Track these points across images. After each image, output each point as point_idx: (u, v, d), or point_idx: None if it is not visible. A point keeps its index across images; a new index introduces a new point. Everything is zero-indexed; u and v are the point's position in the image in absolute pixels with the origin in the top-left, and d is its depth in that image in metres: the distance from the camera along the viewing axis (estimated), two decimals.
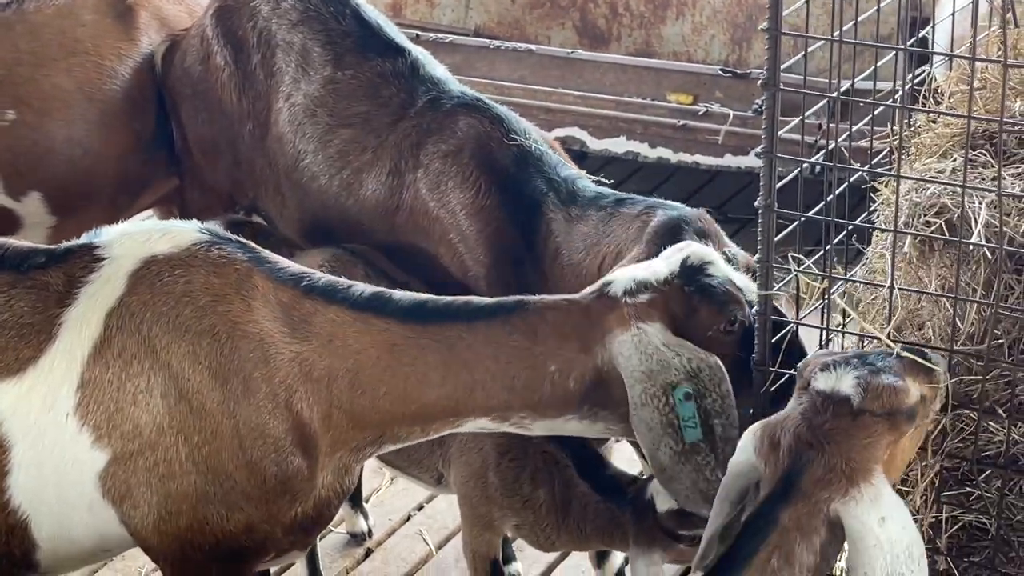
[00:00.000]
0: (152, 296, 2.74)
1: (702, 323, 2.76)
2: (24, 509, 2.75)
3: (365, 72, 3.82)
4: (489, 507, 3.33)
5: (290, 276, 2.81)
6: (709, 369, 2.70)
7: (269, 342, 2.74)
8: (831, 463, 2.40)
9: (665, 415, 2.67)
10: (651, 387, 2.68)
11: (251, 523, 2.78)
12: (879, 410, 2.43)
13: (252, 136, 4.00)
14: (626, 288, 2.78)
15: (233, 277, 2.76)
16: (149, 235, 2.83)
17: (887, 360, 2.51)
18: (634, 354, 2.70)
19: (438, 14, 7.06)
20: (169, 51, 4.24)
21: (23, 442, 2.73)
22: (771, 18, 2.61)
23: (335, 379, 2.76)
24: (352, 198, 3.77)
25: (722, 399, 2.70)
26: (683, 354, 2.70)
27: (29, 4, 4.28)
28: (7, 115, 4.14)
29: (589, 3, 6.72)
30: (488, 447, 3.31)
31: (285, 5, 3.93)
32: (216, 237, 2.84)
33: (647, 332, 2.71)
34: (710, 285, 2.77)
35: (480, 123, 3.64)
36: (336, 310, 2.77)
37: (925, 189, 2.74)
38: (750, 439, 2.50)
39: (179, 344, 2.72)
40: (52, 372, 2.73)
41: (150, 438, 2.72)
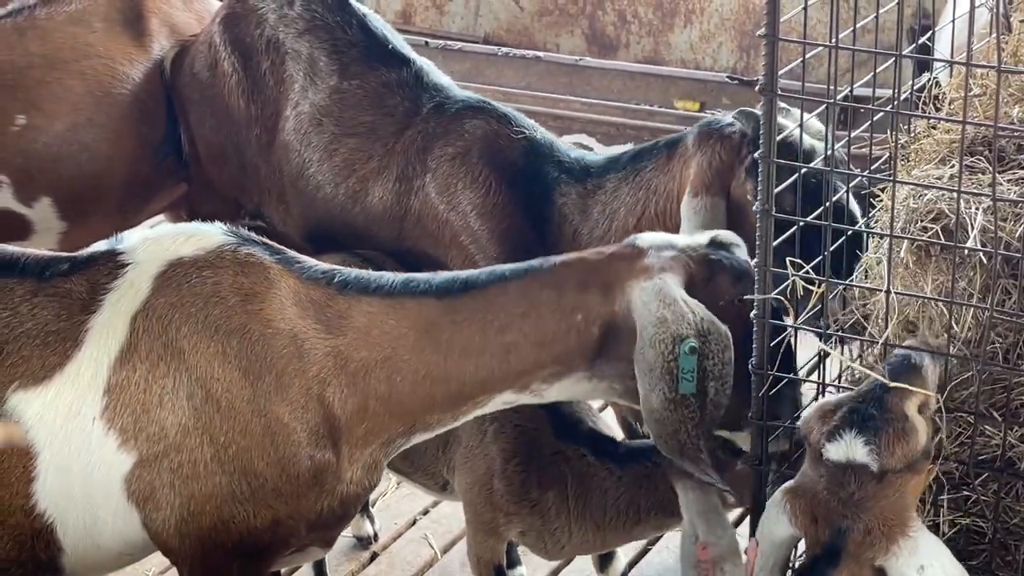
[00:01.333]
0: (180, 298, 2.76)
1: (718, 290, 2.82)
2: (50, 514, 2.77)
3: (371, 82, 3.85)
4: (494, 513, 3.33)
5: (321, 274, 2.83)
6: (718, 335, 2.74)
7: (303, 337, 2.76)
8: (868, 527, 2.43)
9: (668, 361, 2.71)
10: (662, 332, 2.71)
11: (277, 519, 2.80)
12: (899, 465, 2.43)
13: (259, 142, 4.03)
14: (653, 243, 2.86)
15: (262, 277, 2.78)
16: (174, 238, 2.85)
17: (883, 403, 2.48)
18: (653, 300, 2.74)
19: (447, 21, 7.11)
20: (178, 57, 4.27)
21: (49, 448, 2.74)
22: (769, 24, 2.64)
23: (372, 369, 2.79)
24: (358, 206, 3.79)
25: (723, 365, 2.74)
26: (698, 313, 2.74)
27: (40, 11, 4.32)
28: (18, 120, 4.17)
29: (598, 11, 6.76)
30: (493, 452, 3.31)
31: (292, 14, 3.96)
32: (242, 239, 2.85)
33: (668, 283, 2.76)
34: (733, 258, 2.86)
35: (487, 123, 3.67)
36: (371, 300, 2.80)
37: (922, 195, 2.76)
38: (782, 510, 2.53)
39: (208, 344, 2.74)
40: (78, 378, 2.74)
41: (175, 440, 2.73)
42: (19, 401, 2.73)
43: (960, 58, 2.95)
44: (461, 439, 3.35)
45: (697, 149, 3.49)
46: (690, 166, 3.49)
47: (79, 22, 4.30)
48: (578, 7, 6.80)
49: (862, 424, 2.45)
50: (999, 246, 2.61)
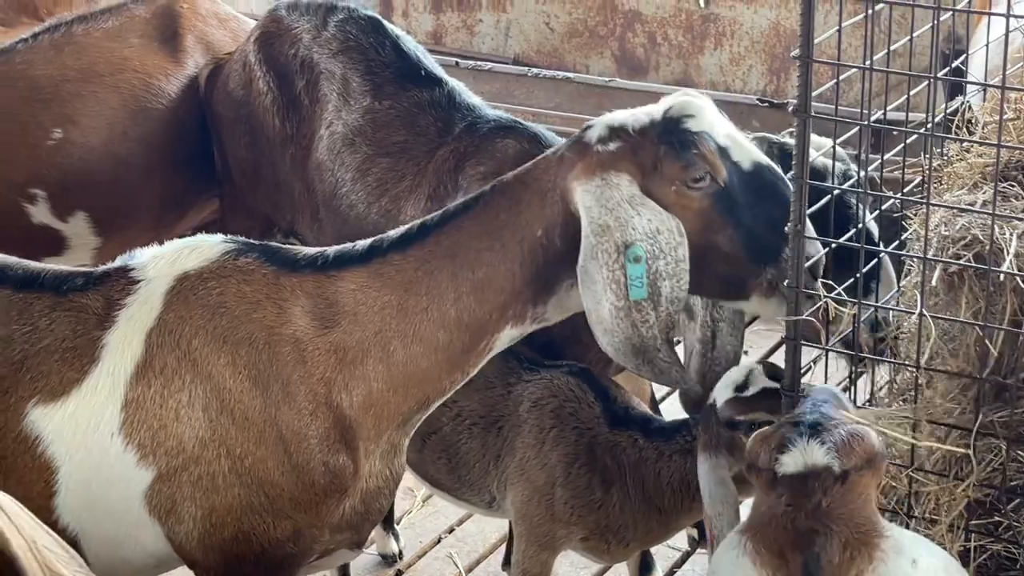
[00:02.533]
0: (188, 311, 2.78)
1: (665, 176, 2.76)
2: (73, 528, 2.78)
3: (403, 102, 3.86)
4: (552, 526, 3.28)
5: (307, 262, 2.84)
6: (668, 232, 2.70)
7: (304, 340, 2.77)
8: (843, 540, 2.30)
9: (613, 271, 2.67)
10: (604, 243, 2.68)
11: (298, 529, 2.80)
12: (860, 462, 2.33)
13: (293, 161, 4.04)
14: (599, 135, 2.79)
15: (262, 283, 2.80)
16: (179, 253, 2.87)
17: (821, 411, 2.41)
18: (594, 205, 2.70)
19: (478, 42, 7.15)
20: (212, 74, 4.30)
21: (69, 463, 2.75)
22: (803, 45, 2.64)
23: (368, 350, 2.79)
24: (391, 225, 3.79)
25: (676, 263, 2.70)
26: (644, 214, 2.69)
27: (77, 27, 4.36)
28: (54, 134, 4.21)
29: (628, 32, 6.78)
30: (554, 460, 3.26)
31: (326, 34, 3.98)
32: (241, 245, 2.87)
33: (611, 184, 2.71)
34: (679, 138, 2.75)
35: (517, 141, 3.68)
36: (350, 276, 2.81)
37: (955, 222, 2.75)
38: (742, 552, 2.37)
39: (218, 355, 2.75)
40: (96, 393, 2.76)
41: (193, 452, 2.74)
42: (39, 416, 2.75)
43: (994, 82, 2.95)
44: (516, 451, 3.31)
45: None
46: None
47: (116, 38, 4.34)
48: (608, 29, 6.82)
49: (812, 431, 2.36)
50: None
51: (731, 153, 2.80)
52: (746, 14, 6.49)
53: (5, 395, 2.74)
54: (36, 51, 4.30)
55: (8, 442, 2.74)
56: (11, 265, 2.88)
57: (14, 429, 2.73)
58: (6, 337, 2.77)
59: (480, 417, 3.36)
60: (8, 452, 2.74)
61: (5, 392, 2.74)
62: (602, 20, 6.83)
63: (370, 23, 3.99)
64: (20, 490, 2.67)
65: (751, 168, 2.81)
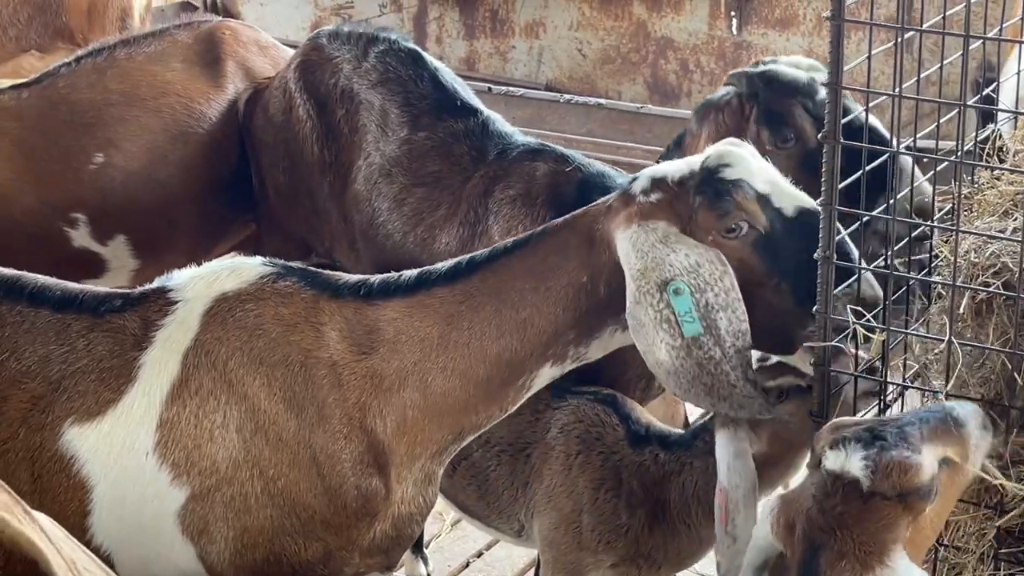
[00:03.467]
0: (225, 332, 2.80)
1: (701, 226, 2.77)
2: (107, 547, 2.79)
3: (439, 132, 3.89)
4: (579, 554, 3.26)
5: (349, 289, 2.86)
6: (709, 263, 2.68)
7: (341, 364, 2.79)
8: (843, 549, 2.31)
9: (660, 311, 2.67)
10: (645, 284, 2.68)
11: (329, 551, 2.81)
12: (891, 492, 2.31)
13: (331, 189, 4.07)
14: (643, 187, 2.82)
15: (301, 306, 2.81)
16: (217, 274, 2.89)
17: (905, 430, 2.36)
18: (630, 252, 2.72)
19: (511, 68, 7.20)
20: (251, 99, 4.34)
21: (104, 482, 2.77)
22: (832, 72, 2.65)
23: (405, 379, 2.81)
24: (426, 253, 3.82)
25: (725, 292, 2.67)
26: (680, 250, 2.69)
27: (120, 51, 4.40)
28: (96, 158, 4.24)
29: (660, 59, 6.82)
30: (581, 486, 3.25)
31: (366, 65, 4.02)
32: (280, 269, 2.89)
33: (646, 231, 2.73)
34: (715, 188, 2.76)
35: (545, 163, 3.71)
36: (394, 305, 2.83)
37: (985, 249, 2.75)
38: (768, 515, 2.44)
39: (254, 377, 2.76)
40: (132, 413, 2.77)
41: (227, 473, 2.75)
42: (75, 435, 2.76)
43: None
44: (543, 477, 3.30)
45: (701, 126, 3.52)
46: (700, 144, 3.48)
47: (159, 62, 4.37)
48: (640, 55, 6.86)
49: (870, 441, 2.35)
50: None
51: (772, 200, 2.79)
52: (778, 41, 6.52)
53: (42, 414, 2.76)
54: (79, 75, 4.33)
55: (44, 461, 2.76)
56: (50, 286, 2.91)
57: (50, 448, 2.76)
58: (44, 357, 2.79)
59: (509, 444, 3.36)
60: (44, 471, 2.76)
61: (42, 411, 2.77)
62: (634, 47, 6.87)
63: (410, 55, 4.03)
64: (55, 509, 2.72)
65: (795, 214, 2.79)
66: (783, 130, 3.37)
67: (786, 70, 3.38)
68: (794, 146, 3.40)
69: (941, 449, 2.40)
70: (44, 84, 4.33)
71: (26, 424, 2.76)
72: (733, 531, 2.82)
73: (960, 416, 2.45)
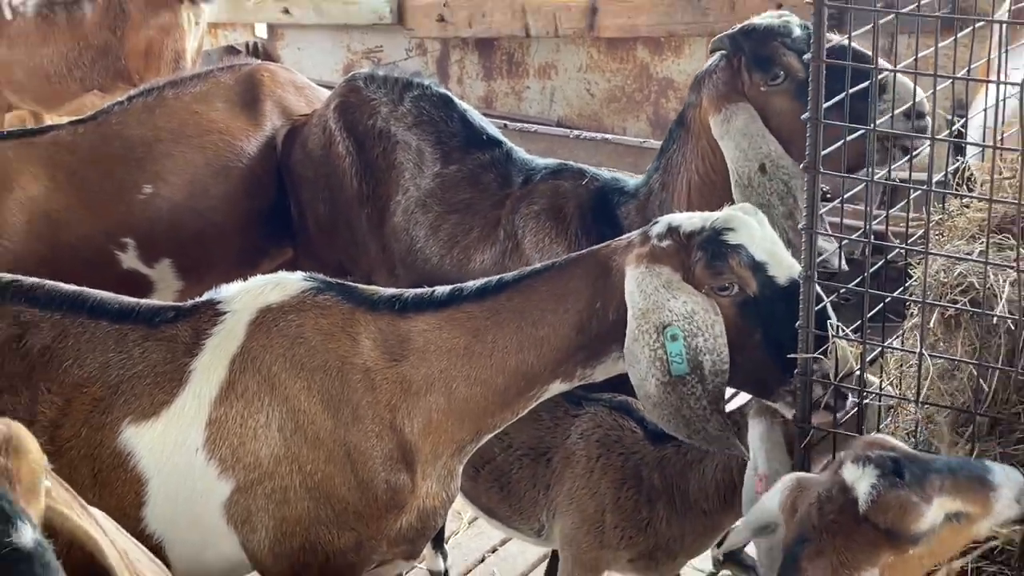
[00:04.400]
0: (269, 340, 2.85)
1: (698, 279, 2.81)
2: (160, 535, 2.84)
3: (468, 164, 3.95)
4: (600, 552, 3.26)
5: (384, 302, 2.91)
6: (704, 312, 2.74)
7: (374, 369, 2.83)
8: (823, 550, 2.31)
9: (654, 350, 2.72)
10: (644, 324, 2.73)
11: (360, 540, 2.85)
12: (882, 524, 2.29)
13: (369, 220, 4.11)
14: (659, 231, 2.86)
15: (338, 317, 2.86)
16: (262, 288, 2.94)
17: (928, 474, 2.31)
18: (635, 291, 2.77)
19: (525, 106, 7.25)
20: (290, 135, 4.38)
21: (158, 476, 2.82)
22: (812, 108, 2.68)
23: (432, 384, 2.85)
24: (463, 273, 3.85)
25: (714, 339, 2.73)
26: (679, 297, 2.74)
27: (169, 91, 4.46)
28: (145, 189, 4.29)
29: (661, 98, 6.85)
30: (604, 487, 3.25)
31: (402, 109, 4.07)
32: (320, 284, 2.94)
33: (651, 273, 2.77)
34: (714, 249, 2.80)
35: (566, 179, 3.78)
36: (425, 318, 2.88)
37: (953, 269, 2.77)
38: (779, 489, 2.46)
39: (295, 380, 2.81)
40: (183, 414, 2.82)
41: (268, 468, 2.80)
42: (132, 434, 2.82)
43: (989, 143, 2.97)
44: (564, 480, 3.31)
45: (699, 95, 3.52)
46: (701, 112, 3.50)
47: (203, 101, 4.42)
48: (644, 95, 6.90)
49: (888, 472, 2.32)
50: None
51: (767, 268, 2.83)
52: None
53: (102, 415, 2.82)
54: (131, 113, 4.39)
55: (104, 457, 2.81)
56: (109, 300, 2.97)
57: (110, 446, 2.81)
58: (104, 363, 2.85)
59: (530, 448, 3.37)
60: (104, 466, 2.81)
61: (102, 412, 2.82)
62: (638, 87, 6.91)
63: (441, 99, 4.09)
64: (113, 501, 2.78)
65: (787, 284, 2.82)
66: (772, 68, 3.37)
67: (761, 20, 3.44)
68: (784, 81, 3.41)
69: (957, 504, 2.34)
70: (99, 120, 4.40)
71: (88, 424, 2.82)
72: None
73: (995, 480, 2.37)
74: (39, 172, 4.18)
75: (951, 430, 2.77)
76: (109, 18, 6.43)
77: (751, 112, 3.38)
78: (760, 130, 3.35)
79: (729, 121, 3.38)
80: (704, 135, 3.51)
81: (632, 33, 6.77)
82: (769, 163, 3.29)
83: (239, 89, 4.49)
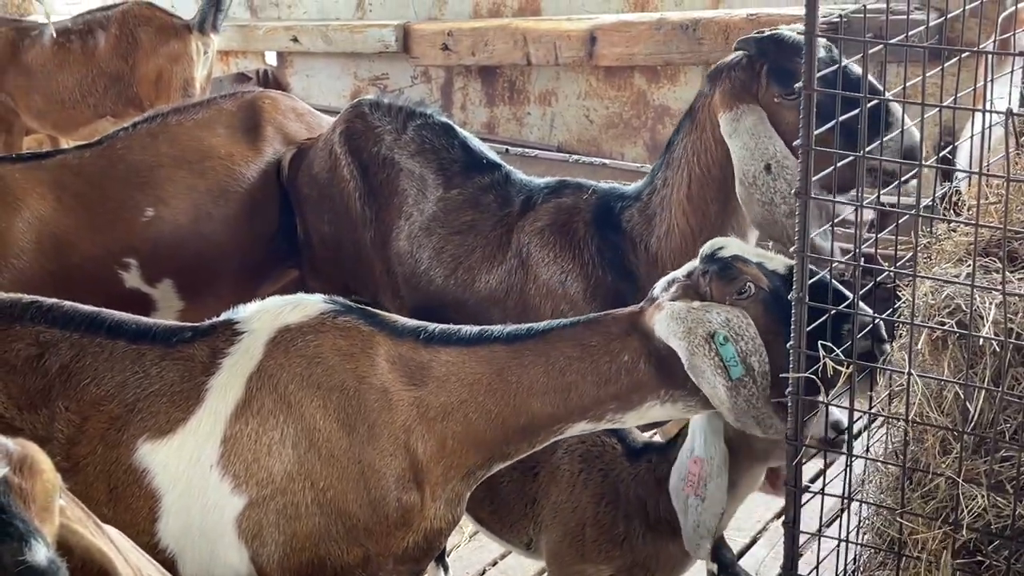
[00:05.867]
0: (287, 359, 2.83)
1: (717, 296, 2.84)
2: (172, 550, 2.81)
3: (469, 188, 3.96)
4: (582, 566, 3.26)
5: (408, 331, 2.89)
6: (736, 318, 2.78)
7: (392, 391, 2.81)
8: None
9: (713, 359, 2.74)
10: (694, 339, 2.76)
11: (368, 556, 2.83)
12: None
13: (373, 243, 4.11)
14: (661, 287, 2.93)
15: (358, 339, 2.84)
16: (282, 308, 2.92)
17: None
18: (671, 321, 2.79)
19: (526, 132, 7.26)
20: (295, 158, 4.39)
21: (173, 492, 2.79)
22: (803, 136, 2.69)
23: (450, 413, 2.83)
24: (467, 293, 3.86)
25: (752, 340, 2.77)
26: (712, 310, 2.79)
27: (172, 118, 4.48)
28: (147, 212, 4.30)
29: (658, 124, 6.86)
30: (584, 501, 3.26)
31: (405, 137, 4.08)
32: (341, 306, 2.92)
33: (677, 306, 2.82)
34: (718, 263, 2.86)
35: (566, 196, 3.78)
36: (450, 351, 2.86)
37: (940, 291, 2.77)
38: None
39: (312, 399, 2.79)
40: (199, 431, 2.80)
41: (281, 484, 2.77)
42: (148, 451, 2.80)
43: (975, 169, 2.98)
44: (550, 494, 3.31)
45: (714, 87, 3.49)
46: (713, 101, 3.48)
47: (205, 128, 4.44)
48: (641, 121, 6.91)
49: None
50: (1010, 336, 2.61)
51: (765, 264, 2.88)
52: None
53: (119, 432, 2.80)
54: (135, 138, 4.40)
55: (120, 474, 2.79)
56: (126, 320, 2.96)
57: (125, 463, 2.79)
58: (121, 382, 2.83)
59: (519, 463, 3.36)
60: (120, 483, 2.79)
61: (119, 430, 2.80)
62: (635, 113, 6.93)
63: (443, 127, 4.11)
64: (128, 516, 2.76)
65: (786, 271, 2.87)
66: (790, 84, 3.34)
67: (790, 33, 3.41)
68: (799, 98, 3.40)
69: None
70: (104, 145, 4.42)
71: (104, 441, 2.80)
72: (703, 493, 2.89)
73: None
74: (47, 193, 4.20)
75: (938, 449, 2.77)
76: (121, 47, 6.46)
77: (761, 114, 3.38)
78: (768, 131, 3.33)
79: (739, 120, 3.37)
80: (710, 128, 3.50)
81: (629, 62, 6.79)
82: (775, 163, 3.29)
83: (241, 116, 4.50)
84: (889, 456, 2.93)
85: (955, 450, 2.71)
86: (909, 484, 2.82)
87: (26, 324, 2.89)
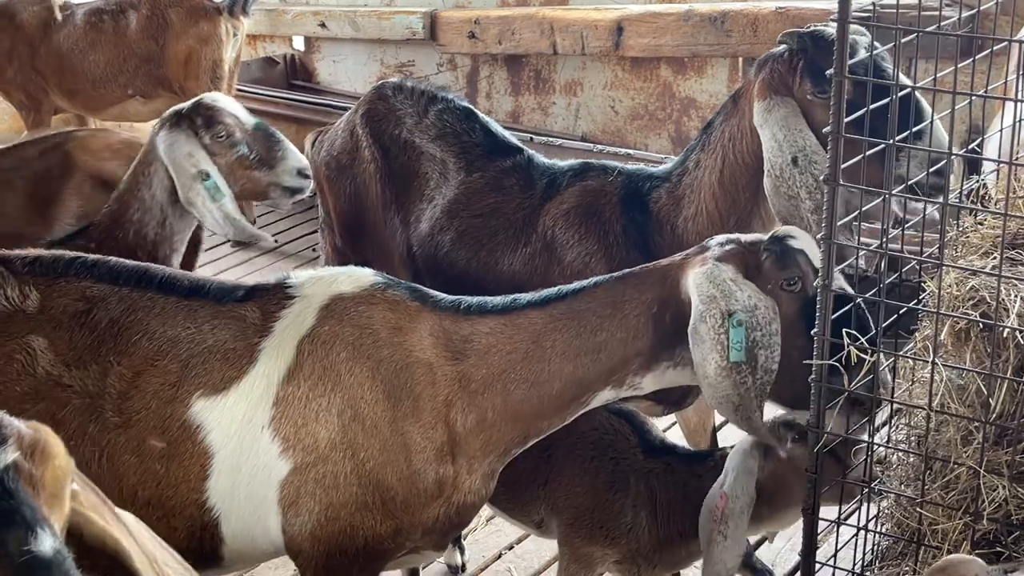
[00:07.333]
0: (340, 327, 2.83)
1: (765, 275, 2.83)
2: (218, 508, 2.81)
3: (491, 171, 3.94)
4: (592, 547, 3.27)
5: (449, 304, 2.91)
6: (765, 308, 2.76)
7: (436, 365, 2.82)
8: None
9: (718, 333, 2.73)
10: (712, 308, 2.74)
11: (399, 528, 2.83)
12: None
13: (393, 224, 4.11)
14: (718, 240, 2.91)
15: (406, 313, 2.85)
16: (335, 277, 2.93)
17: None
18: (704, 282, 2.78)
19: (551, 122, 7.25)
20: (319, 136, 4.38)
21: (224, 450, 2.77)
22: (834, 123, 2.68)
23: (491, 385, 2.84)
24: (489, 274, 3.85)
25: (769, 336, 2.75)
26: (746, 290, 2.77)
27: None
28: None
29: (683, 117, 6.84)
30: (594, 486, 3.26)
31: (427, 121, 4.07)
32: (390, 281, 2.94)
33: (719, 268, 2.79)
34: (780, 248, 2.84)
35: (591, 178, 3.76)
36: (488, 321, 2.87)
37: (965, 284, 2.76)
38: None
39: (360, 369, 2.79)
40: (252, 391, 2.78)
41: (323, 452, 2.77)
42: (202, 407, 2.79)
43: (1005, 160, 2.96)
44: (562, 477, 3.32)
45: (758, 74, 3.49)
46: (754, 88, 3.47)
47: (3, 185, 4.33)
48: (666, 113, 6.90)
49: None
50: None
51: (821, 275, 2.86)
52: None
53: (173, 388, 2.79)
54: None
55: (174, 429, 2.78)
56: (179, 276, 2.96)
57: (180, 418, 2.78)
58: (174, 338, 2.83)
59: (534, 444, 3.38)
60: (174, 438, 2.78)
61: (173, 385, 2.80)
62: (661, 105, 6.91)
63: (464, 112, 4.09)
64: (180, 472, 2.76)
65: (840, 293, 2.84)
66: (824, 82, 3.31)
67: (830, 31, 3.36)
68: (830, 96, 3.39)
69: None
70: None
71: (157, 396, 2.79)
72: (725, 531, 2.86)
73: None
74: None
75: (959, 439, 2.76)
76: (152, 27, 6.49)
77: (793, 107, 3.36)
78: (799, 124, 3.32)
79: (771, 111, 3.37)
80: (748, 114, 3.49)
81: (656, 53, 6.77)
82: (803, 156, 3.28)
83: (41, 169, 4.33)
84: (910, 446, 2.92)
85: (976, 440, 2.70)
86: (929, 474, 2.81)
87: (71, 279, 2.88)
